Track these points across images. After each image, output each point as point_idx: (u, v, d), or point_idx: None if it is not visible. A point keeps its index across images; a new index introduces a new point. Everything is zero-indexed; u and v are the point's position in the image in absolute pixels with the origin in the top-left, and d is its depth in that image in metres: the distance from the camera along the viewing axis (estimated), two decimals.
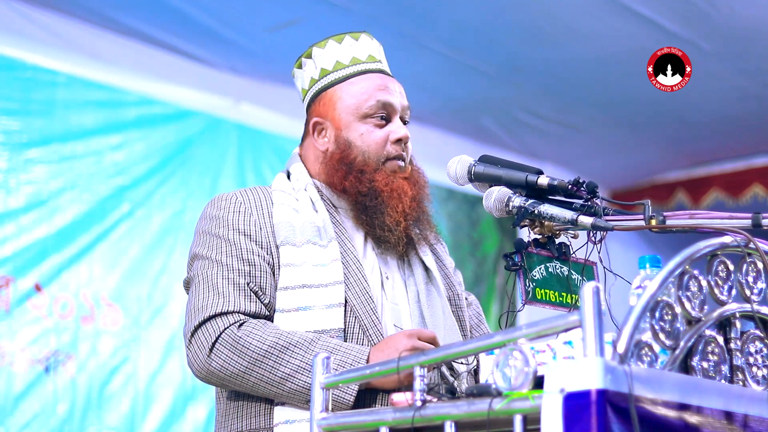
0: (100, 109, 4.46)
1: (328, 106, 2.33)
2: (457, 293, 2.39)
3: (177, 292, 4.50)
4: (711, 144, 6.16)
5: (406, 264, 2.34)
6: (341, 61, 2.34)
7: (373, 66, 2.36)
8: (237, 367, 2.09)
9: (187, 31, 4.55)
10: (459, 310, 2.37)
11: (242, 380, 2.10)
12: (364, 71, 2.34)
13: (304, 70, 2.39)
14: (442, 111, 5.57)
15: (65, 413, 4.12)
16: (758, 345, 1.81)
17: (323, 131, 2.34)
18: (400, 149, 2.30)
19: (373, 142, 2.29)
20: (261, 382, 2.09)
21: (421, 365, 1.71)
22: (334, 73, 2.34)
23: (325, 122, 2.33)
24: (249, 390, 2.12)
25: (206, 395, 4.52)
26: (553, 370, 1.50)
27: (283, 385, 2.08)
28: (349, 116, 2.30)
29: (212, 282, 2.17)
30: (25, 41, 4.28)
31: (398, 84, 2.37)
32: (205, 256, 2.22)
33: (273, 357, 2.08)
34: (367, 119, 2.30)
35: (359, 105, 2.30)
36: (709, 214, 1.97)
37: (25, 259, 4.13)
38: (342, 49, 2.35)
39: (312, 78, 2.37)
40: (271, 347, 2.08)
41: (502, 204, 2.09)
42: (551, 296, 2.10)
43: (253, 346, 2.08)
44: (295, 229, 2.22)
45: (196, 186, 4.70)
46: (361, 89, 2.31)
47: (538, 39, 4.77)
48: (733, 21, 4.61)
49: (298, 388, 2.07)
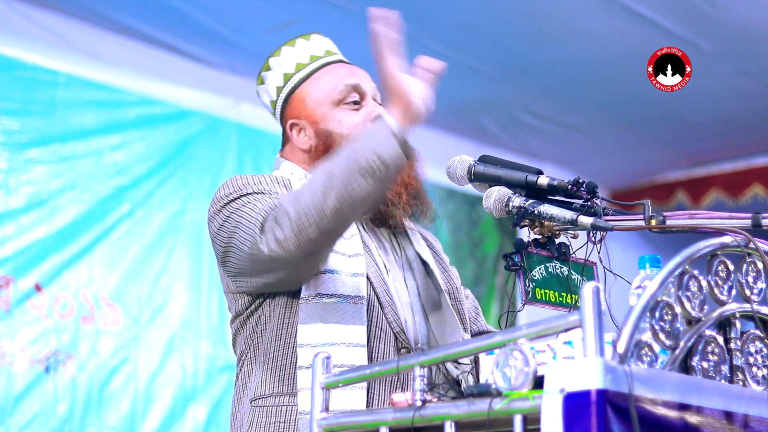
0: (100, 109, 4.46)
1: (300, 105, 2.34)
2: (456, 287, 2.40)
3: (177, 292, 4.51)
4: (711, 144, 6.16)
5: (404, 259, 2.34)
6: (300, 61, 2.36)
7: (333, 58, 2.38)
8: (299, 208, 1.99)
9: (187, 31, 4.55)
10: (458, 303, 2.37)
11: (313, 213, 1.98)
12: (325, 64, 2.36)
13: (267, 83, 2.40)
14: (442, 111, 5.53)
15: (65, 413, 4.12)
16: (758, 345, 1.81)
17: (301, 130, 2.34)
18: None
19: (353, 125, 2.29)
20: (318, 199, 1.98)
21: (421, 365, 1.71)
22: (297, 74, 2.36)
23: (300, 121, 2.34)
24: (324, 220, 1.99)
25: (206, 395, 4.52)
26: (553, 370, 1.50)
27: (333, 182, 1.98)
28: (322, 107, 2.31)
29: (255, 203, 2.12)
30: (25, 41, 4.28)
31: (361, 70, 2.37)
32: (240, 206, 2.14)
33: (311, 181, 2.02)
34: (341, 105, 2.31)
35: (329, 94, 2.31)
36: (709, 214, 1.97)
37: (25, 259, 4.13)
38: (297, 50, 2.37)
39: (278, 86, 2.38)
40: (320, 165, 2.03)
41: (502, 204, 2.09)
42: (551, 296, 2.10)
43: (295, 194, 2.03)
44: None
45: (196, 186, 4.70)
46: (327, 80, 2.33)
47: (538, 39, 4.77)
48: (733, 21, 4.61)
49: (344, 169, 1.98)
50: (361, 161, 1.98)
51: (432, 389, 1.71)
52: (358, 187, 1.98)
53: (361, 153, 1.99)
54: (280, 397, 2.15)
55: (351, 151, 2.01)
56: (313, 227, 2.00)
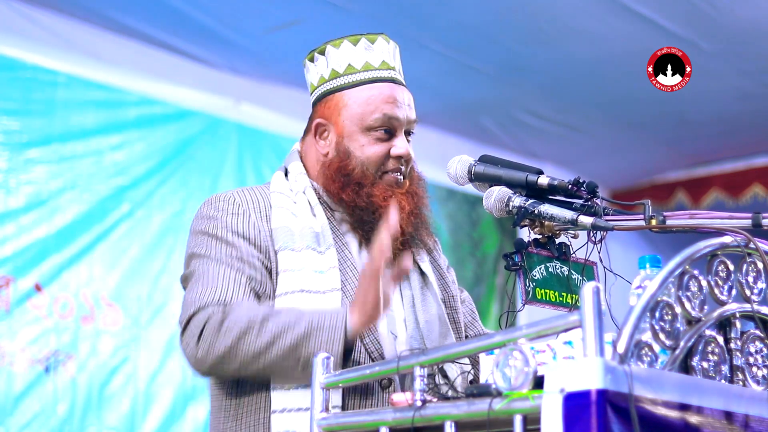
0: (100, 109, 4.46)
1: (334, 110, 2.29)
2: (452, 294, 2.38)
3: (177, 292, 4.50)
4: (711, 144, 6.16)
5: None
6: (353, 65, 2.30)
7: (385, 74, 2.31)
8: (222, 346, 2.05)
9: (187, 31, 4.55)
10: (454, 312, 2.35)
11: (230, 360, 2.05)
12: (375, 79, 2.29)
13: (316, 65, 2.34)
14: (442, 111, 5.56)
15: (65, 413, 4.12)
16: (758, 345, 1.81)
17: (325, 133, 2.31)
18: (399, 164, 2.28)
19: (374, 155, 2.26)
20: (247, 356, 2.04)
21: (421, 365, 1.71)
22: (344, 77, 2.30)
23: (328, 125, 2.30)
24: (240, 371, 2.08)
25: (206, 395, 4.51)
26: (553, 370, 1.50)
27: (269, 351, 2.03)
28: (352, 125, 2.27)
29: (211, 277, 2.15)
30: (25, 41, 4.28)
31: (408, 94, 2.33)
32: (204, 255, 2.20)
33: (255, 328, 2.04)
34: (370, 131, 2.26)
35: (364, 116, 2.26)
36: (709, 214, 1.98)
37: (25, 259, 4.13)
38: (356, 52, 2.30)
39: (322, 76, 2.33)
40: (253, 319, 2.05)
41: (502, 204, 2.09)
42: (551, 296, 2.10)
43: (235, 322, 2.05)
44: (294, 234, 2.19)
45: (196, 186, 4.70)
46: (369, 99, 2.27)
47: (538, 39, 4.76)
48: (733, 21, 4.61)
49: (285, 348, 2.02)
50: (304, 353, 2.01)
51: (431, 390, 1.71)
52: (287, 368, 2.05)
53: (308, 345, 2.01)
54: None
55: (302, 332, 2.02)
56: (232, 369, 2.08)
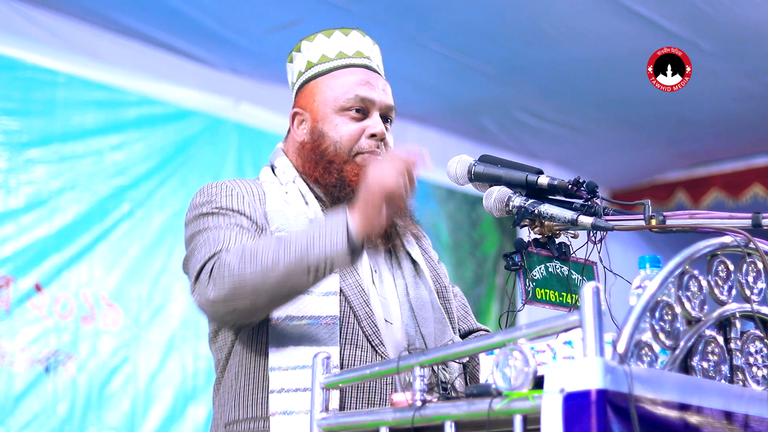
0: (100, 109, 4.46)
1: (309, 97, 2.32)
2: (444, 285, 2.38)
3: (177, 292, 4.50)
4: (711, 144, 6.16)
5: (393, 258, 2.32)
6: (327, 54, 2.33)
7: (359, 61, 2.34)
8: (232, 276, 2.01)
9: (187, 31, 4.55)
10: (447, 302, 2.36)
11: (243, 288, 2.01)
12: (348, 65, 2.32)
13: (294, 63, 2.38)
14: (441, 111, 5.56)
15: (65, 413, 4.12)
16: (758, 345, 1.81)
17: (302, 122, 2.33)
18: (375, 145, 2.27)
19: (346, 134, 2.26)
20: (257, 277, 2.00)
21: (421, 365, 1.71)
22: (318, 66, 2.33)
23: (304, 113, 2.32)
24: (255, 300, 2.03)
25: (206, 395, 4.52)
26: (553, 370, 1.50)
27: (276, 267, 1.99)
28: (326, 108, 2.29)
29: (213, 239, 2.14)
30: (25, 41, 4.28)
31: (384, 81, 2.34)
32: (203, 229, 2.20)
33: (259, 250, 2.02)
34: (344, 112, 2.28)
35: (337, 97, 2.28)
36: (709, 214, 1.97)
37: (25, 259, 4.13)
38: (330, 42, 2.34)
39: (299, 71, 2.36)
40: (254, 246, 2.04)
41: (502, 204, 2.09)
42: (551, 296, 2.10)
43: (239, 253, 2.03)
44: (289, 219, 2.20)
45: (196, 186, 4.61)
46: (342, 83, 2.30)
47: (538, 39, 4.76)
48: (733, 21, 4.61)
49: (292, 260, 1.99)
50: (311, 259, 1.99)
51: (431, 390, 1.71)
52: (299, 280, 2.01)
53: (313, 251, 1.99)
54: (252, 422, 2.13)
55: (305, 243, 2.00)
56: (246, 301, 2.04)
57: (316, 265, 1.99)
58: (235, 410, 2.16)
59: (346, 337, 2.15)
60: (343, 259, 1.99)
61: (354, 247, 2.00)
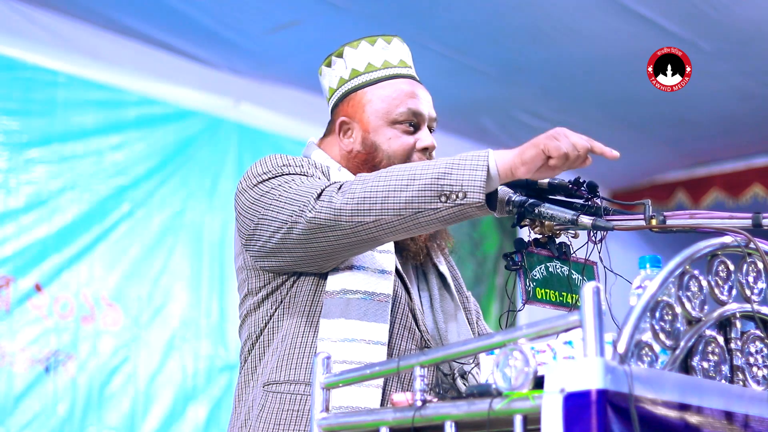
0: (100, 109, 4.46)
1: (357, 107, 2.32)
2: (466, 296, 2.42)
3: (177, 292, 4.51)
4: (711, 144, 6.16)
5: (419, 271, 2.35)
6: (373, 63, 2.33)
7: (405, 71, 2.36)
8: (365, 187, 2.01)
9: (187, 31, 4.55)
10: (468, 313, 2.39)
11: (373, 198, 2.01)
12: (396, 75, 2.34)
13: (334, 68, 2.37)
14: (441, 111, 5.50)
15: (65, 413, 4.12)
16: (758, 345, 1.81)
17: (350, 131, 2.32)
18: (425, 158, 2.30)
19: (400, 148, 2.28)
20: (389, 191, 1.99)
21: (421, 365, 1.71)
22: (365, 75, 2.33)
23: (352, 123, 2.32)
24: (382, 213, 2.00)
25: (206, 395, 4.52)
26: (553, 370, 1.50)
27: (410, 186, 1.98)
28: (378, 120, 2.29)
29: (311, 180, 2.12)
30: (25, 41, 4.28)
31: (426, 92, 2.36)
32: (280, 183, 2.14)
33: (394, 172, 2.02)
34: (396, 125, 2.29)
35: (389, 110, 2.29)
36: (709, 214, 1.98)
37: (25, 259, 4.13)
38: (374, 51, 2.34)
39: (341, 77, 2.35)
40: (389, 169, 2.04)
41: (502, 203, 2.09)
42: (551, 296, 2.10)
43: (371, 176, 2.04)
44: None
45: (196, 186, 4.70)
46: (392, 94, 2.31)
47: (538, 39, 4.76)
48: (733, 21, 4.61)
49: (426, 180, 1.97)
50: (445, 185, 1.96)
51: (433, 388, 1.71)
52: (427, 205, 1.98)
53: (450, 177, 1.96)
54: (295, 385, 2.14)
55: (442, 169, 1.97)
56: (373, 214, 2.00)
57: (449, 191, 1.96)
58: (278, 371, 2.16)
59: (396, 316, 2.18)
60: (477, 195, 1.95)
61: (491, 185, 1.98)
